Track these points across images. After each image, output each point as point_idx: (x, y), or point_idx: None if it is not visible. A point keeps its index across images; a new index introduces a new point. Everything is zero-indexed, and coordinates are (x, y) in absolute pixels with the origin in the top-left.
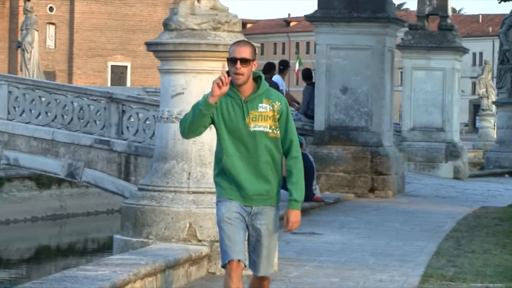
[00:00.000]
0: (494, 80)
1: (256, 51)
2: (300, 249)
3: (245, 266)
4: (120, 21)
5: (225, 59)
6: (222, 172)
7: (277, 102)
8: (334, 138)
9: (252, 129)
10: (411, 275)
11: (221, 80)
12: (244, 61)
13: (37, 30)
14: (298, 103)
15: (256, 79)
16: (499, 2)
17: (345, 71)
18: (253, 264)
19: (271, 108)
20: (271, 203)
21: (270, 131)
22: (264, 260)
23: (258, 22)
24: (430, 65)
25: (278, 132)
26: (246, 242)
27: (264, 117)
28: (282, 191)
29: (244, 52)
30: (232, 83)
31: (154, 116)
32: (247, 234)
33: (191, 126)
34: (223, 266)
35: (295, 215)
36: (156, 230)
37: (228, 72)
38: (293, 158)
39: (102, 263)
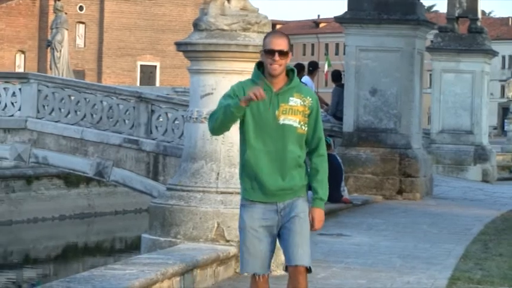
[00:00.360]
0: None
1: None
2: (327, 251)
3: (266, 275)
4: (150, 21)
5: (256, 60)
6: (244, 168)
7: (308, 97)
8: (363, 140)
9: (281, 122)
10: (438, 278)
11: (257, 95)
12: (282, 53)
13: (67, 29)
14: (327, 104)
15: (288, 72)
16: None
17: (374, 72)
18: (289, 255)
19: (302, 103)
20: (298, 195)
21: (299, 126)
22: (298, 248)
23: (287, 23)
24: (460, 68)
25: (306, 128)
26: (279, 244)
27: (294, 111)
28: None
29: (282, 44)
30: (264, 74)
31: (183, 116)
32: (277, 235)
33: (222, 126)
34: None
35: (319, 214)
36: (184, 230)
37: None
38: (320, 156)
39: (129, 262)
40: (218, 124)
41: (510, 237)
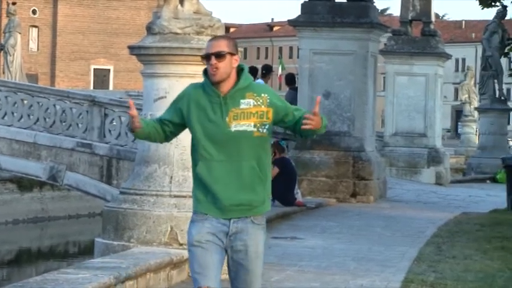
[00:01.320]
0: (477, 86)
1: (239, 49)
2: (281, 254)
3: None
4: (103, 25)
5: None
6: (196, 181)
7: (263, 94)
8: (317, 143)
9: (233, 129)
10: (392, 280)
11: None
12: (219, 55)
13: (20, 33)
14: None
15: (239, 72)
16: (482, 8)
17: (328, 75)
18: None
19: (255, 103)
20: (255, 214)
21: (255, 129)
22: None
23: (241, 26)
24: (413, 71)
25: (265, 131)
26: (226, 267)
27: (246, 115)
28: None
29: (219, 46)
30: (210, 79)
31: None
32: (226, 257)
33: (151, 141)
34: None
35: (318, 119)
36: (138, 234)
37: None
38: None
39: (83, 266)
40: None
41: (463, 239)
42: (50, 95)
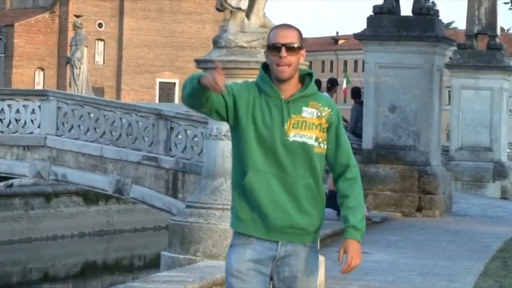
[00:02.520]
0: None
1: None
2: None
3: None
4: (169, 38)
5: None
6: (242, 195)
7: (327, 108)
8: (382, 157)
9: (291, 138)
10: None
11: (211, 83)
12: (291, 48)
13: (86, 46)
14: (346, 121)
15: (304, 77)
16: None
17: (394, 89)
18: None
19: (319, 114)
20: (307, 241)
21: (316, 144)
22: None
23: (306, 40)
24: (479, 84)
25: (325, 147)
26: None
27: (308, 125)
28: (327, 209)
29: (291, 36)
30: (271, 78)
31: (202, 133)
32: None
33: (191, 99)
34: None
35: (354, 247)
36: (204, 247)
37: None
38: (348, 180)
39: (149, 279)
40: (186, 95)
41: None
42: (116, 109)
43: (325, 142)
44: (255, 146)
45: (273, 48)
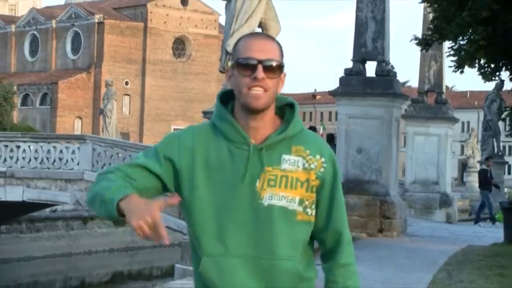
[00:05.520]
0: (479, 143)
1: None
2: (320, 277)
3: None
4: (181, 93)
5: None
6: (199, 282)
7: (318, 156)
8: (351, 189)
9: (266, 202)
10: None
11: (143, 230)
12: (270, 68)
13: (116, 100)
14: None
15: (284, 109)
16: (484, 82)
17: (360, 135)
18: None
19: (306, 165)
20: None
21: (300, 209)
22: None
23: (288, 95)
24: (428, 132)
25: (314, 212)
26: None
27: (290, 182)
28: None
29: (270, 50)
30: (234, 114)
31: None
32: None
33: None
34: None
35: None
36: None
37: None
38: (342, 267)
39: (165, 287)
40: (95, 207)
41: (469, 267)
42: (139, 149)
43: (313, 207)
44: (210, 220)
45: (245, 66)
